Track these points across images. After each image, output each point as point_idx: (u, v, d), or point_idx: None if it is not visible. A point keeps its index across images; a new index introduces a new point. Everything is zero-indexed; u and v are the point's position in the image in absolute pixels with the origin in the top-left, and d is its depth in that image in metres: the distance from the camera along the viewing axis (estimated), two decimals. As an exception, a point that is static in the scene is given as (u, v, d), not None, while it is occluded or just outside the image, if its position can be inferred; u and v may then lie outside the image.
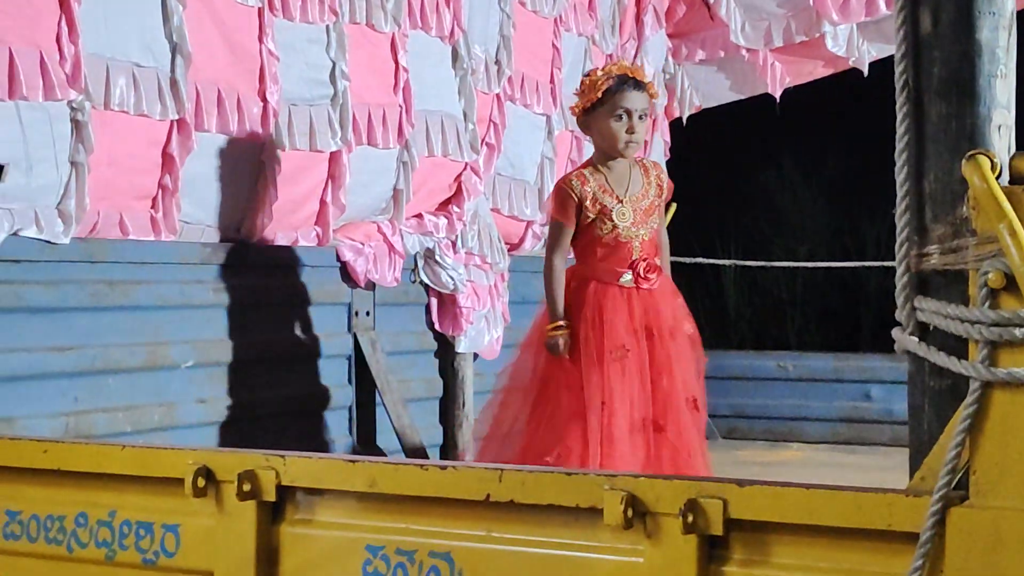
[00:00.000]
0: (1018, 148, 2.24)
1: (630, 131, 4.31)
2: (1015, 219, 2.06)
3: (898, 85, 2.27)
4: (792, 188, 11.99)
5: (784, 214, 11.90)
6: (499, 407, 4.54)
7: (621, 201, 4.33)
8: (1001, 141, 2.21)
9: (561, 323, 4.28)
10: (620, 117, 4.30)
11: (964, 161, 2.15)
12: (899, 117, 2.27)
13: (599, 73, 4.39)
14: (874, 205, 10.20)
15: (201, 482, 2.68)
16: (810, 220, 11.85)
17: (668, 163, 6.96)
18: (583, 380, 4.24)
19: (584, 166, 4.47)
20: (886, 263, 7.71)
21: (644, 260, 4.35)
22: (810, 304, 11.48)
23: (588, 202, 4.31)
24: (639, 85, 4.33)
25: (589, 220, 4.32)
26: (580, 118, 4.43)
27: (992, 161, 2.13)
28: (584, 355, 4.26)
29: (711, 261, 8.58)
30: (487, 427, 4.54)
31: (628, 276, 4.34)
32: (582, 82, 4.45)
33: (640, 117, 4.33)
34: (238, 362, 4.51)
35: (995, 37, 2.22)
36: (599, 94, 4.31)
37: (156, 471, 2.79)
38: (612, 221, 4.31)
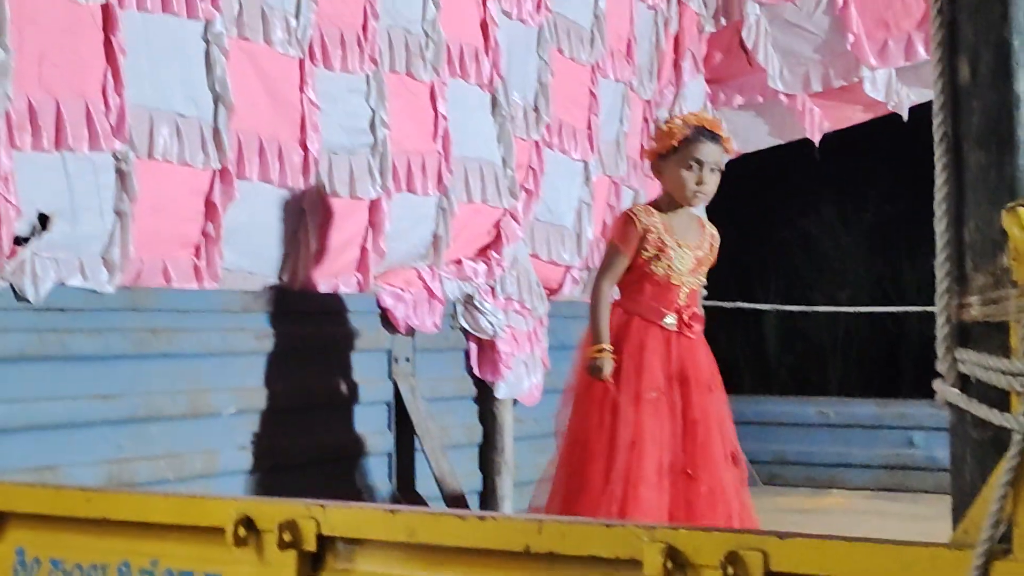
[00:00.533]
0: (1058, 199, 2.23)
1: (700, 182, 4.35)
2: (1056, 270, 2.05)
3: (936, 135, 2.27)
4: (833, 233, 11.95)
5: (825, 259, 11.86)
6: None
7: (682, 246, 4.38)
8: (1041, 192, 2.20)
9: (604, 346, 4.28)
10: (691, 167, 4.34)
11: (1004, 212, 2.14)
12: (938, 167, 2.26)
13: (677, 122, 4.43)
14: (915, 251, 10.16)
15: (242, 531, 2.69)
16: (851, 266, 11.80)
17: (708, 208, 6.95)
18: (617, 415, 4.24)
19: (649, 204, 4.51)
20: (927, 308, 7.66)
21: (690, 308, 4.38)
22: (851, 349, 11.42)
23: (651, 235, 4.34)
24: (715, 138, 4.37)
25: (645, 256, 4.35)
26: (653, 162, 4.47)
27: (1033, 212, 2.13)
28: (621, 390, 4.27)
29: (752, 306, 8.55)
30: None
31: (672, 319, 4.36)
32: (659, 128, 4.51)
33: (712, 170, 4.37)
34: (279, 409, 4.53)
35: (1034, 88, 2.22)
36: (675, 142, 4.34)
37: (198, 520, 2.80)
38: (669, 262, 4.35)
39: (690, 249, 4.41)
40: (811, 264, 11.74)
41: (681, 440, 4.28)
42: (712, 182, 4.38)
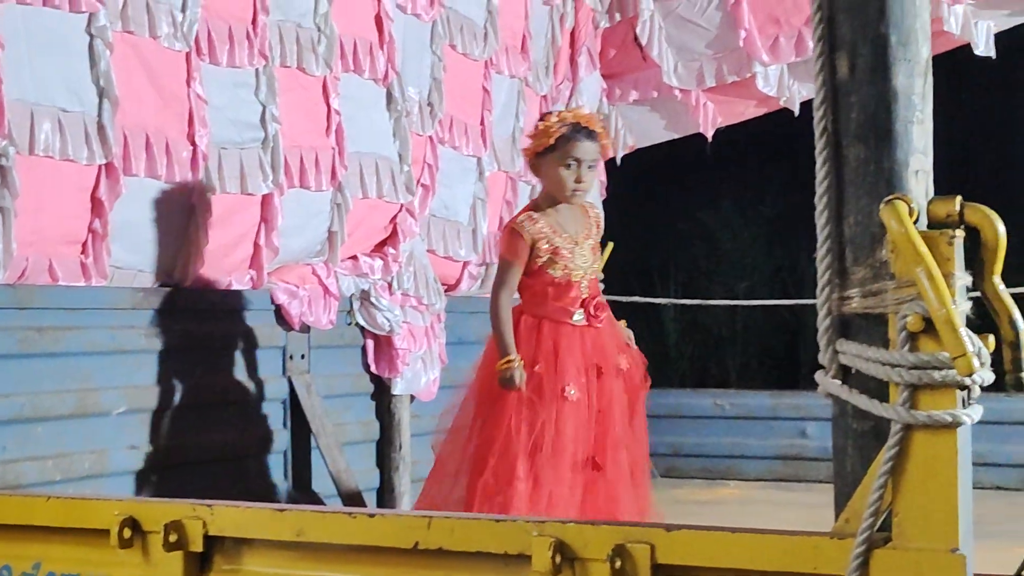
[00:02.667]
0: (936, 193, 2.27)
1: (578, 180, 4.38)
2: (932, 264, 2.09)
3: (817, 130, 2.30)
4: (731, 226, 12.07)
5: (723, 252, 11.98)
6: (443, 447, 4.53)
7: (576, 242, 4.39)
8: (919, 186, 2.24)
9: (512, 357, 4.28)
10: (570, 165, 4.36)
11: (882, 206, 2.18)
12: (819, 161, 2.30)
13: (553, 119, 4.43)
14: (812, 242, 10.24)
15: (127, 533, 2.66)
16: (749, 258, 11.93)
17: (605, 202, 6.99)
18: (533, 419, 4.25)
19: (531, 207, 4.52)
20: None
21: (594, 299, 4.42)
22: (750, 341, 11.55)
23: (540, 243, 4.36)
24: (591, 134, 4.39)
25: (540, 262, 4.36)
26: (531, 160, 4.48)
27: (910, 206, 2.16)
28: (538, 395, 4.28)
29: (649, 300, 8.61)
30: (432, 469, 4.53)
31: (580, 315, 4.39)
32: (536, 125, 4.50)
33: (590, 166, 4.41)
34: (171, 408, 4.47)
35: (911, 83, 2.26)
36: (552, 140, 4.36)
37: (82, 522, 2.76)
38: (566, 262, 4.37)
39: (581, 242, 4.43)
40: (710, 257, 11.85)
41: (600, 432, 4.32)
42: (590, 179, 4.42)
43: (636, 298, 8.37)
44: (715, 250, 11.92)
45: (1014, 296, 2.27)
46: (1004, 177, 10.25)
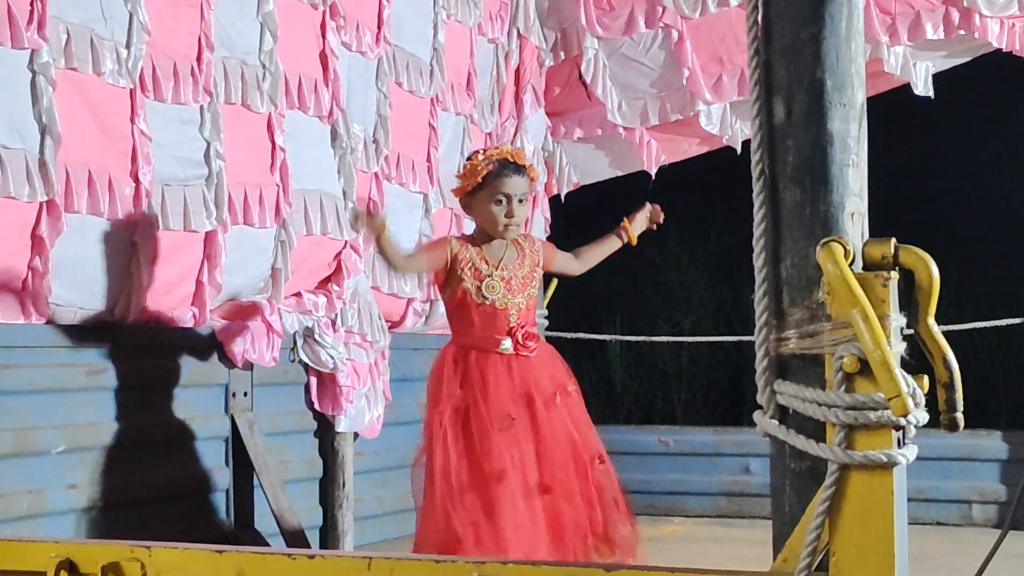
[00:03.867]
0: (871, 235, 2.30)
1: (509, 215, 4.41)
2: (867, 305, 2.12)
3: (754, 172, 2.33)
4: (676, 262, 12.14)
5: (669, 288, 12.03)
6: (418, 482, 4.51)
7: (504, 271, 4.42)
8: (854, 228, 2.27)
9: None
10: (500, 201, 4.39)
11: (819, 248, 2.21)
12: (756, 204, 2.33)
13: (480, 157, 4.46)
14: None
15: (64, 575, 2.62)
16: (695, 293, 12.00)
17: (549, 239, 7.00)
18: (469, 451, 4.25)
19: (463, 237, 4.56)
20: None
21: (523, 327, 4.42)
22: (695, 376, 11.60)
23: (462, 263, 4.39)
24: (519, 169, 4.42)
25: (462, 288, 4.38)
26: (462, 200, 4.51)
27: (846, 248, 2.19)
28: (476, 427, 4.28)
29: (593, 336, 8.64)
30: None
31: (508, 343, 4.40)
32: (464, 165, 4.52)
33: (520, 201, 4.43)
34: (111, 447, 4.43)
35: (846, 127, 2.29)
36: (479, 179, 4.39)
37: (17, 564, 2.72)
38: (491, 289, 4.39)
39: (510, 271, 4.45)
40: (656, 293, 11.90)
41: (537, 458, 4.31)
42: (521, 213, 4.45)
43: (582, 335, 8.40)
44: (661, 286, 11.98)
45: (948, 333, 2.31)
46: (937, 215, 10.39)
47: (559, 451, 4.35)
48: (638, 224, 4.79)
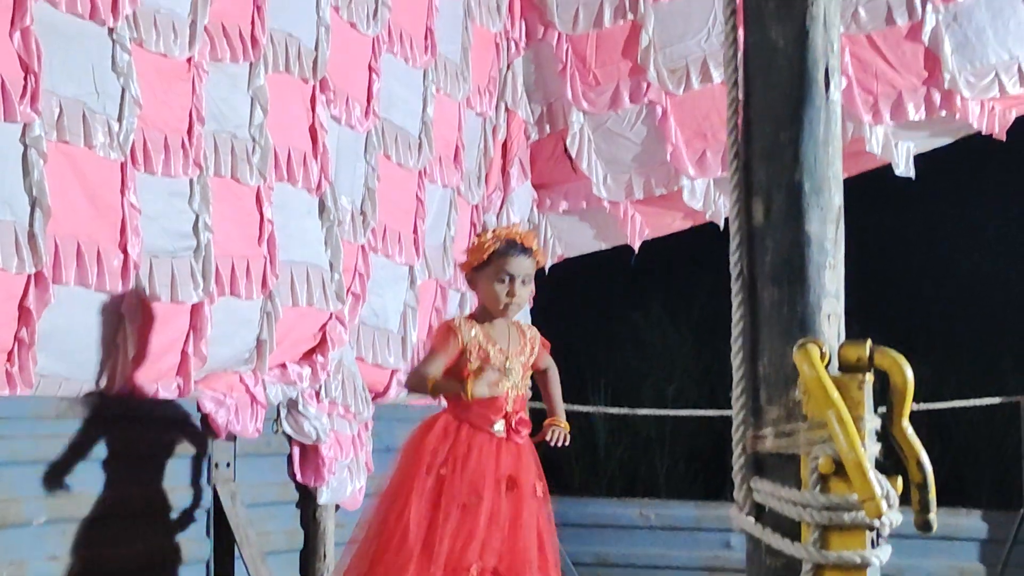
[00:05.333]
0: (847, 336, 2.35)
1: (511, 294, 4.46)
2: (843, 407, 2.16)
3: (733, 272, 2.38)
4: (661, 329, 12.19)
5: (653, 353, 12.07)
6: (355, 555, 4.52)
7: (507, 357, 4.45)
8: (830, 329, 2.32)
9: (463, 384, 4.33)
10: (503, 280, 4.43)
11: (795, 349, 2.25)
12: (734, 303, 2.37)
13: (488, 235, 4.54)
14: (741, 346, 10.40)
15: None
16: (679, 359, 12.04)
17: (534, 310, 7.05)
18: (431, 520, 4.27)
19: (469, 317, 4.59)
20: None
21: (518, 413, 4.46)
22: (678, 444, 11.60)
23: (472, 347, 4.42)
24: (526, 251, 4.48)
25: (471, 368, 4.40)
26: (467, 275, 4.58)
27: (821, 349, 2.24)
28: (441, 497, 4.29)
29: (577, 408, 8.65)
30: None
31: (500, 426, 4.43)
32: (472, 241, 4.60)
33: (523, 282, 4.49)
34: (93, 518, 4.42)
35: (823, 230, 2.34)
36: (485, 256, 4.44)
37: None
38: (507, 370, 4.41)
39: (514, 356, 4.49)
40: (640, 358, 11.93)
41: (506, 544, 4.32)
42: (523, 294, 4.50)
43: (567, 406, 8.40)
44: (644, 351, 12.01)
45: (928, 411, 2.35)
46: (916, 292, 10.47)
47: (528, 545, 4.36)
48: (547, 434, 4.66)
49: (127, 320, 4.52)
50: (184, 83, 4.78)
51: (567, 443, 4.64)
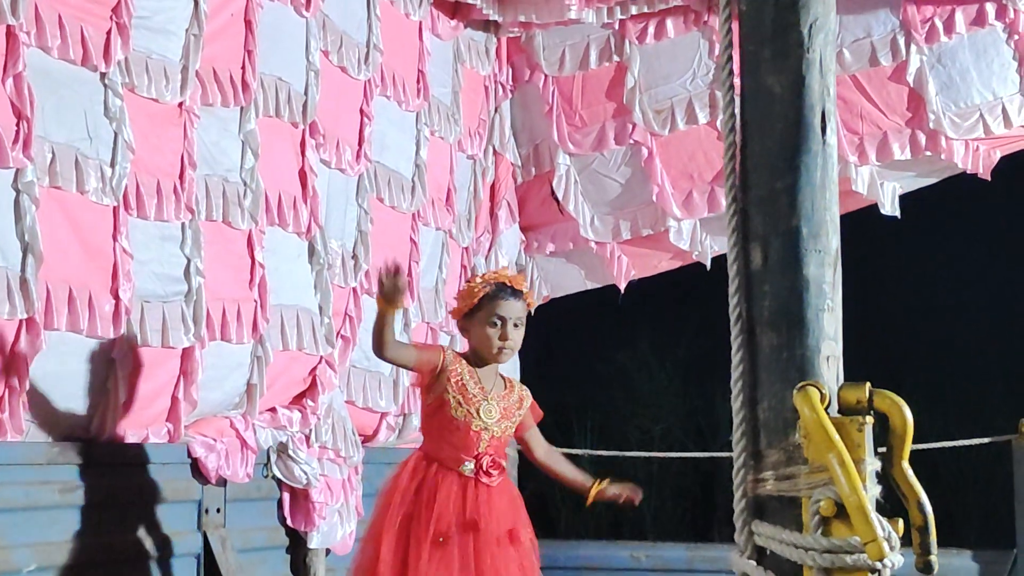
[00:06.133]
0: (846, 379, 2.36)
1: (503, 338, 4.44)
2: (843, 450, 2.17)
3: (732, 317, 2.39)
4: (648, 369, 12.21)
5: (640, 394, 12.09)
6: None
7: (487, 398, 4.43)
8: (829, 371, 2.33)
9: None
10: (495, 324, 4.43)
11: (795, 392, 2.26)
12: (734, 347, 2.38)
13: (478, 280, 4.54)
14: (726, 385, 10.40)
15: None
16: (665, 400, 12.05)
17: (521, 352, 7.04)
18: (400, 559, 4.25)
19: (461, 355, 4.56)
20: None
21: (490, 456, 4.42)
22: (666, 485, 11.60)
23: (452, 378, 4.40)
24: (516, 294, 4.48)
25: (444, 399, 4.39)
26: (459, 322, 4.57)
27: (821, 392, 2.24)
28: (408, 534, 4.29)
29: (564, 450, 8.62)
30: None
31: (470, 465, 4.40)
32: (462, 287, 4.61)
33: (516, 325, 4.47)
34: (83, 564, 4.38)
35: (821, 273, 2.36)
36: (475, 300, 4.44)
37: None
38: (472, 408, 4.40)
39: (495, 400, 4.47)
40: (627, 399, 11.94)
41: None
42: (516, 337, 4.48)
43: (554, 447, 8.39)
44: (631, 392, 12.02)
45: (917, 451, 2.35)
46: (902, 334, 10.50)
47: None
48: (609, 492, 4.64)
49: (118, 365, 4.51)
50: (176, 128, 4.79)
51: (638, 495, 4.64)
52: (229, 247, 5.04)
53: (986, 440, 6.26)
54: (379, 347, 4.33)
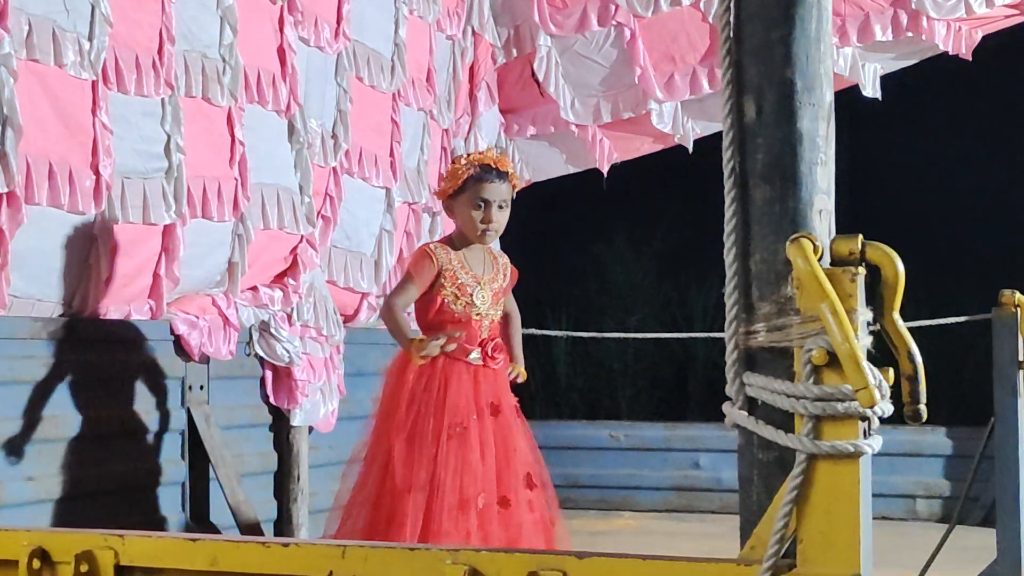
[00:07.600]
0: (838, 232, 2.36)
1: (487, 220, 4.45)
2: (836, 299, 2.18)
3: (726, 170, 2.38)
4: (623, 260, 12.21)
5: (615, 285, 12.10)
6: (353, 478, 4.54)
7: (480, 283, 4.44)
8: (822, 224, 2.33)
9: (414, 339, 4.35)
10: (479, 206, 4.43)
11: (788, 243, 2.26)
12: (727, 200, 2.38)
13: (463, 161, 4.53)
14: (701, 277, 10.48)
15: (36, 564, 2.63)
16: (640, 291, 12.07)
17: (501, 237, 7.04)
18: (417, 457, 4.29)
19: (443, 241, 4.58)
20: (713, 334, 7.92)
21: (492, 340, 4.48)
22: (640, 374, 11.67)
23: (446, 273, 4.42)
24: (501, 175, 4.47)
25: (442, 294, 4.40)
26: (444, 203, 4.57)
27: (814, 244, 2.25)
28: (421, 431, 4.31)
29: (542, 332, 8.68)
30: (347, 497, 4.52)
31: (476, 354, 4.44)
32: (447, 169, 4.57)
33: (500, 207, 4.48)
34: (69, 439, 4.42)
35: (815, 126, 2.35)
36: (460, 182, 4.43)
37: (-13, 554, 2.72)
38: (470, 300, 4.42)
39: (487, 283, 4.49)
40: (602, 290, 11.96)
41: (498, 469, 4.36)
42: (500, 219, 4.49)
43: (531, 330, 8.44)
44: (606, 284, 12.05)
45: (911, 330, 2.37)
46: (898, 211, 10.51)
47: (519, 464, 4.40)
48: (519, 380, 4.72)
49: (99, 242, 4.50)
50: (154, 2, 4.72)
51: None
52: (209, 124, 5.00)
53: (957, 319, 6.31)
54: (385, 322, 4.56)
